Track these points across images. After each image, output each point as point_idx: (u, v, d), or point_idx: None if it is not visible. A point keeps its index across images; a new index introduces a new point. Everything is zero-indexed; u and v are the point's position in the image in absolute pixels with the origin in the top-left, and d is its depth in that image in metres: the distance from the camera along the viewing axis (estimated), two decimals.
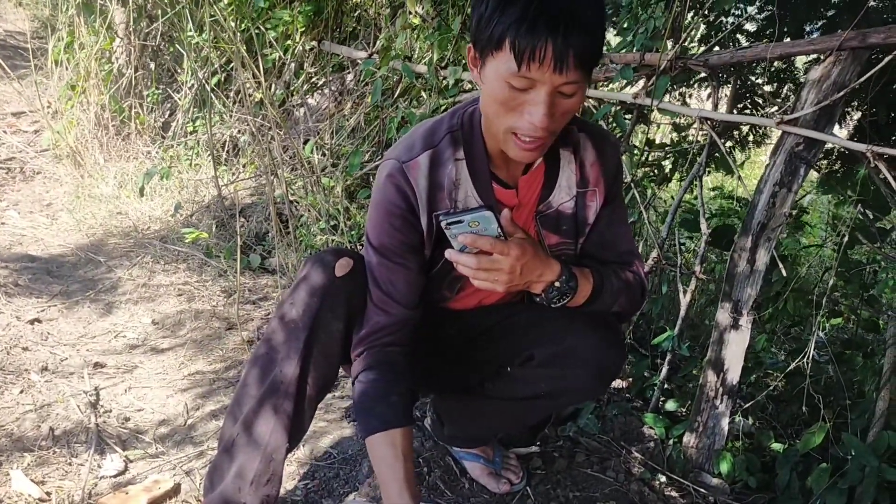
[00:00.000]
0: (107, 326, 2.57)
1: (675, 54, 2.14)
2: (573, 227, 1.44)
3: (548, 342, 1.46)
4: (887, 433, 1.79)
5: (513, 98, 1.15)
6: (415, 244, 1.36)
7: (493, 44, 1.12)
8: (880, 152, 1.69)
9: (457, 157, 1.34)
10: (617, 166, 1.47)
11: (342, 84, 3.94)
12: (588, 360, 1.43)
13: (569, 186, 1.41)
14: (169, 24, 4.18)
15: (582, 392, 1.55)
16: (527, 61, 1.09)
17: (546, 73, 1.10)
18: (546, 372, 1.48)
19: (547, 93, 1.13)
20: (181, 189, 3.73)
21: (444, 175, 1.34)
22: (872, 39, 1.74)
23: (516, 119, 1.17)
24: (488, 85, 1.18)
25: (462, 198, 1.35)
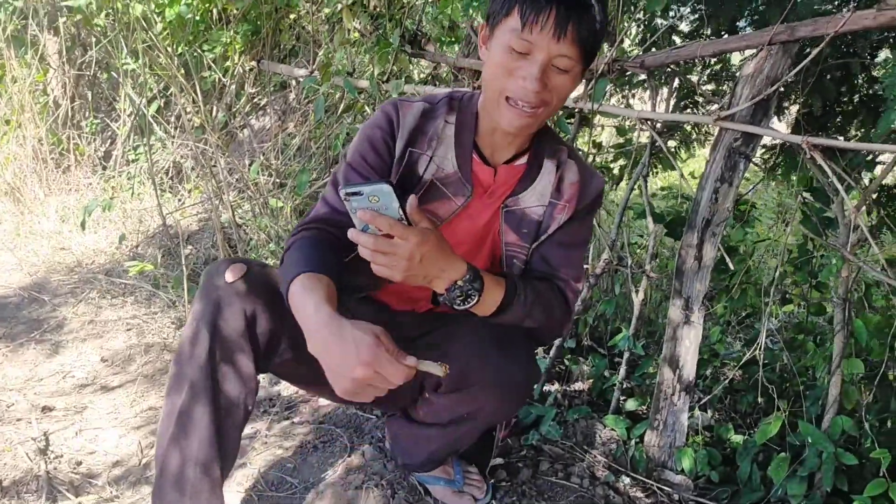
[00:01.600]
0: (54, 367, 2.49)
1: (611, 57, 2.16)
2: (534, 232, 1.47)
3: (453, 364, 1.42)
4: (841, 418, 1.82)
5: (511, 61, 1.24)
6: (384, 161, 1.41)
7: (504, 11, 1.24)
8: (815, 143, 1.72)
9: (448, 119, 1.43)
10: (595, 199, 1.51)
11: (285, 103, 3.90)
12: (488, 381, 1.42)
13: (542, 194, 1.46)
14: (104, 51, 4.09)
15: (495, 413, 1.53)
16: (530, 24, 1.19)
17: (545, 39, 1.20)
18: (458, 397, 1.50)
19: (542, 60, 1.22)
20: (125, 219, 3.64)
21: (431, 126, 1.43)
22: (801, 32, 1.78)
23: (511, 82, 1.25)
24: (492, 53, 1.28)
25: (441, 154, 1.42)
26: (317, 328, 1.13)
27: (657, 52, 2.20)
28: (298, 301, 1.18)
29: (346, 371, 1.09)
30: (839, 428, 1.80)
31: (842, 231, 1.92)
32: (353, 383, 1.09)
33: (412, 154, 1.41)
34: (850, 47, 2.31)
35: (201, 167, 3.40)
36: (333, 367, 1.11)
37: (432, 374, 1.17)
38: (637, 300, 2.28)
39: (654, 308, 3.02)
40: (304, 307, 1.17)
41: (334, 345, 1.10)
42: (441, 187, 1.42)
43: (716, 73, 2.97)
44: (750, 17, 2.75)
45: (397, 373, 1.09)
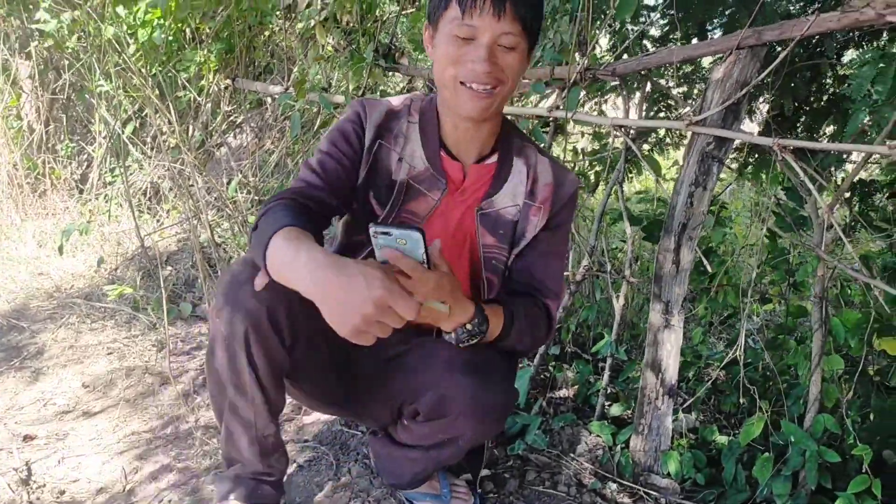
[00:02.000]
0: (35, 395, 2.46)
1: (583, 66, 2.18)
2: (510, 234, 1.49)
3: (426, 392, 1.45)
4: (823, 416, 1.83)
5: (458, 49, 1.29)
6: (354, 150, 1.45)
7: (443, 5, 1.29)
8: (786, 144, 1.74)
9: (410, 119, 1.48)
10: (570, 199, 1.53)
11: (261, 120, 3.90)
12: (466, 407, 1.41)
13: (514, 195, 1.49)
14: (77, 74, 4.07)
15: (474, 436, 1.51)
16: (469, 9, 1.25)
17: (486, 20, 1.26)
18: (435, 425, 1.50)
19: (487, 42, 1.28)
20: (103, 242, 3.61)
21: (395, 125, 1.47)
22: (768, 36, 1.80)
23: (461, 68, 1.30)
24: (438, 46, 1.33)
25: (409, 153, 1.46)
26: (315, 266, 1.06)
27: (628, 60, 2.22)
28: (285, 252, 1.11)
29: (356, 306, 1.02)
30: (821, 426, 1.82)
31: (816, 230, 1.94)
32: (362, 319, 1.03)
33: (381, 146, 1.45)
34: (818, 48, 2.34)
35: (179, 187, 3.39)
36: (339, 304, 1.04)
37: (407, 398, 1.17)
38: (618, 305, 2.29)
39: (635, 312, 3.03)
40: (294, 254, 1.09)
41: (339, 280, 1.04)
42: (416, 185, 1.45)
43: (687, 75, 3.00)
44: (719, 21, 2.78)
45: (409, 307, 1.05)
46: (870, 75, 1.79)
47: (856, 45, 2.41)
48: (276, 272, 1.13)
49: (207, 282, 2.91)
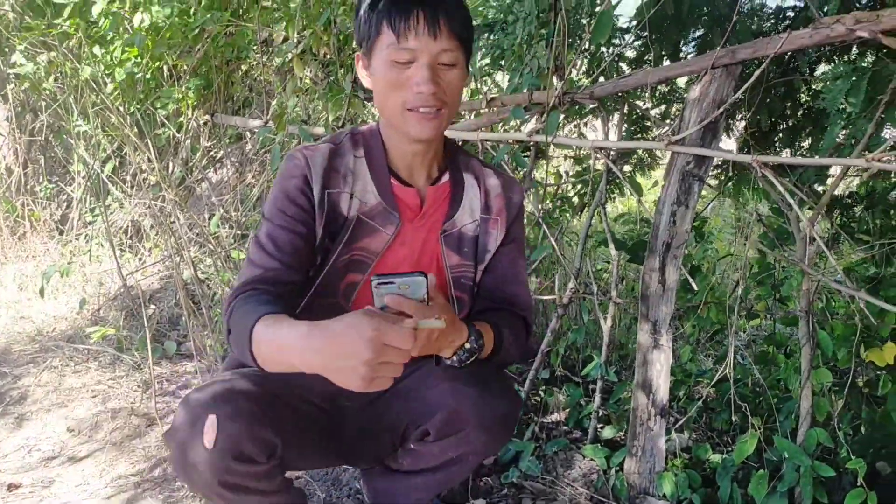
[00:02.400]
0: (19, 441, 2.41)
1: (561, 90, 2.19)
2: (473, 250, 1.50)
3: (436, 412, 1.44)
4: (815, 430, 1.83)
5: (399, 74, 1.27)
6: (305, 214, 1.37)
7: (374, 31, 1.27)
8: (765, 161, 1.75)
9: (356, 154, 1.43)
10: (520, 206, 1.55)
11: (242, 154, 3.89)
12: (477, 420, 1.41)
13: (472, 209, 1.49)
14: (54, 115, 4.05)
15: (485, 450, 1.51)
16: (404, 32, 1.24)
17: (423, 41, 1.25)
18: (445, 443, 1.47)
19: (427, 62, 1.26)
20: (85, 283, 3.58)
21: (341, 163, 1.41)
22: (741, 55, 1.82)
23: (406, 94, 1.28)
24: (377, 74, 1.30)
25: (359, 189, 1.41)
26: (304, 343, 1.07)
27: (605, 83, 2.24)
28: (269, 343, 1.12)
29: (355, 357, 1.02)
30: (814, 440, 1.81)
31: (799, 245, 1.96)
32: (367, 367, 1.02)
33: (330, 195, 1.39)
34: (791, 63, 2.37)
35: (160, 224, 3.36)
36: (340, 363, 1.03)
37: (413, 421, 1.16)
38: (606, 327, 2.29)
39: (624, 332, 3.03)
40: (280, 341, 1.11)
41: (330, 342, 1.04)
42: (368, 221, 1.42)
43: (664, 94, 3.03)
44: (692, 40, 2.81)
45: (404, 337, 1.04)
46: (843, 89, 1.81)
47: (827, 59, 2.44)
48: (270, 365, 1.15)
49: (192, 319, 2.87)
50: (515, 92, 2.45)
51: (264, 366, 1.15)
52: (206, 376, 2.67)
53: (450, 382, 1.42)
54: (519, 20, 2.47)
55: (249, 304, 1.23)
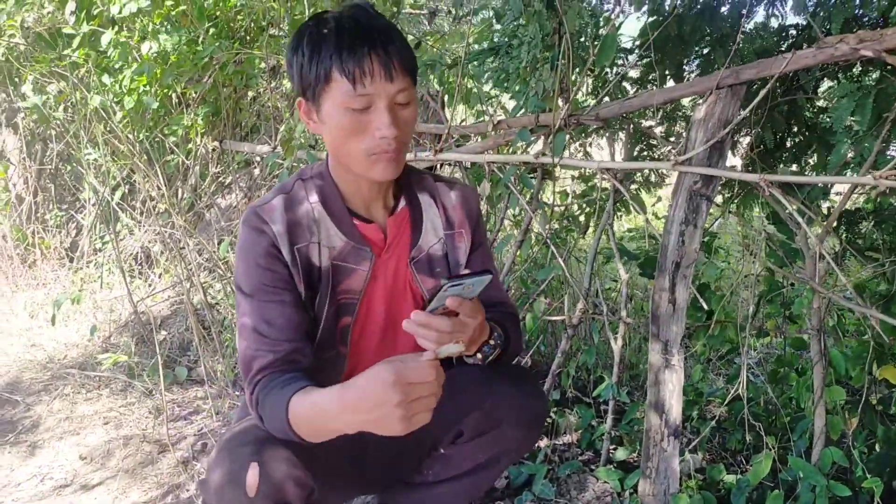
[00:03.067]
0: (32, 470, 2.42)
1: (567, 112, 2.21)
2: (446, 268, 1.49)
3: (470, 412, 1.46)
4: (830, 450, 1.82)
5: (357, 122, 1.23)
6: (284, 277, 1.33)
7: (323, 78, 1.22)
8: (772, 180, 1.76)
9: (311, 200, 1.38)
10: (478, 211, 1.56)
11: (250, 179, 3.92)
12: (513, 416, 1.43)
13: (434, 229, 1.48)
14: (64, 144, 4.09)
15: (518, 448, 1.54)
16: (359, 79, 1.19)
17: (379, 85, 1.21)
18: (479, 442, 1.48)
19: (385, 105, 1.23)
20: (95, 310, 3.59)
21: (301, 213, 1.37)
22: (746, 75, 1.83)
23: (368, 140, 1.25)
24: (331, 122, 1.25)
25: (325, 236, 1.38)
26: (338, 403, 1.12)
27: (611, 104, 2.26)
28: (305, 411, 1.17)
29: (386, 404, 1.05)
30: (829, 460, 1.80)
31: (808, 262, 1.95)
32: (400, 409, 1.06)
33: (300, 250, 1.35)
34: (795, 81, 2.39)
35: (170, 251, 3.38)
36: (376, 414, 1.07)
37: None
38: (616, 347, 2.29)
39: (634, 352, 3.02)
40: (313, 406, 1.16)
41: (360, 396, 1.08)
42: (342, 264, 1.39)
43: (668, 113, 3.05)
44: (696, 60, 2.83)
45: (425, 370, 1.08)
46: (849, 107, 1.82)
47: (831, 76, 2.45)
48: (314, 437, 1.20)
49: (202, 344, 2.88)
50: (521, 114, 2.47)
51: (309, 439, 1.19)
52: (216, 402, 2.68)
53: (483, 382, 1.44)
54: (524, 44, 2.49)
55: (274, 387, 1.25)
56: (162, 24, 3.46)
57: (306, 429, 1.18)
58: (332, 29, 1.22)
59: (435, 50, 3.86)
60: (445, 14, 4.53)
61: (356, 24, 1.23)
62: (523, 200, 2.49)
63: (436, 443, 1.54)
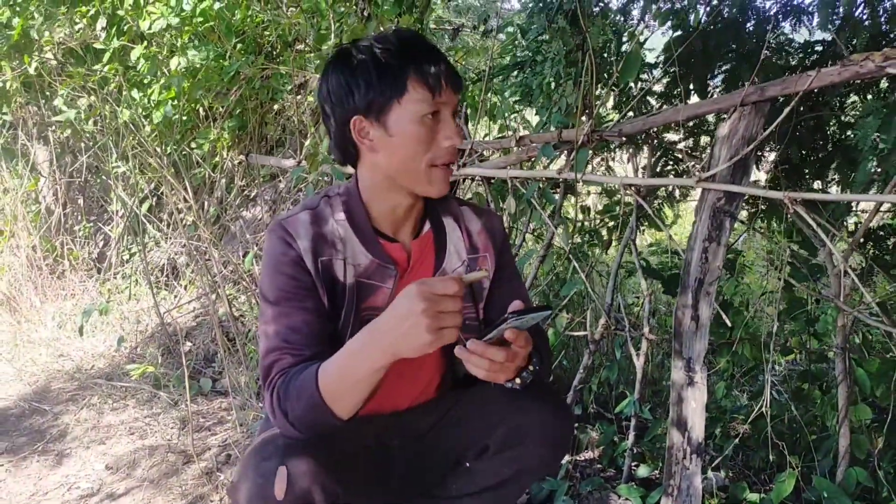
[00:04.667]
0: (59, 479, 2.46)
1: (590, 128, 2.22)
2: (470, 292, 1.50)
3: (497, 427, 1.46)
4: (854, 470, 1.80)
5: (429, 131, 1.29)
6: (308, 286, 1.34)
7: (398, 91, 1.27)
8: (796, 197, 1.75)
9: (336, 218, 1.40)
10: (504, 235, 1.58)
11: (275, 192, 3.95)
12: (539, 434, 1.44)
13: (458, 252, 1.50)
14: (93, 156, 4.17)
15: (542, 466, 1.54)
16: (438, 87, 1.27)
17: (449, 95, 1.30)
18: (504, 457, 1.48)
19: (451, 112, 1.31)
20: (122, 321, 3.65)
21: (326, 230, 1.39)
22: (771, 92, 1.83)
23: (434, 149, 1.31)
24: (400, 135, 1.29)
25: (350, 253, 1.39)
26: (368, 333, 1.16)
27: (634, 120, 2.26)
28: (334, 364, 1.20)
29: (413, 314, 1.09)
30: (853, 480, 1.78)
31: (833, 280, 1.94)
32: (426, 317, 1.08)
33: (324, 263, 1.36)
34: (821, 97, 2.38)
35: (195, 262, 3.43)
36: (404, 326, 1.10)
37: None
38: (639, 363, 2.28)
39: (657, 367, 3.01)
40: (342, 355, 1.19)
41: (388, 315, 1.13)
42: (367, 281, 1.41)
43: (692, 129, 3.04)
44: (720, 74, 2.83)
45: (448, 282, 1.11)
46: (874, 125, 1.82)
47: (857, 91, 2.44)
48: (345, 396, 1.20)
49: (227, 356, 2.91)
50: (544, 130, 2.48)
51: (342, 401, 1.20)
52: (241, 413, 2.70)
53: (511, 398, 1.45)
54: (547, 60, 2.51)
55: (295, 374, 1.25)
56: (190, 39, 3.52)
57: (338, 386, 1.19)
58: (396, 45, 1.29)
59: (460, 65, 3.89)
60: (470, 31, 4.56)
61: (414, 39, 1.31)
62: (545, 216, 2.49)
63: (460, 457, 1.55)
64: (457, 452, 1.54)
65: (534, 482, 1.57)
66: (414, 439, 1.57)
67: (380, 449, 1.54)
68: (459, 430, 1.53)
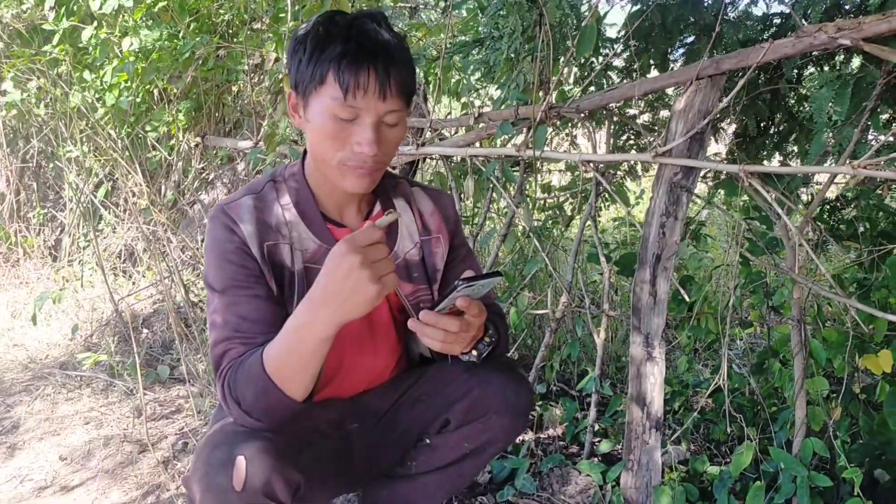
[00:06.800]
0: (11, 472, 2.39)
1: (547, 105, 2.19)
2: (423, 273, 1.49)
3: (458, 401, 1.46)
4: (811, 440, 1.81)
5: (340, 130, 1.22)
6: (256, 272, 1.31)
7: (318, 79, 1.20)
8: (752, 171, 1.75)
9: (282, 202, 1.37)
10: (455, 215, 1.56)
11: (234, 175, 3.88)
12: (501, 405, 1.44)
13: (410, 234, 1.48)
14: (46, 141, 4.05)
15: (504, 438, 1.53)
16: (352, 90, 1.18)
17: (371, 101, 1.20)
18: (466, 431, 1.48)
19: (372, 122, 1.22)
20: (78, 309, 3.56)
21: (271, 216, 1.35)
22: (726, 65, 1.82)
23: (346, 151, 1.24)
24: (314, 122, 1.24)
25: (297, 239, 1.36)
26: (308, 305, 1.13)
27: (592, 95, 2.24)
28: (279, 344, 1.17)
29: (353, 271, 1.07)
30: (810, 450, 1.79)
31: (788, 253, 1.94)
32: (366, 268, 1.07)
33: (269, 248, 1.33)
34: (778, 69, 2.37)
35: (152, 248, 3.35)
36: (347, 286, 1.08)
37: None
38: (599, 340, 2.28)
39: (619, 345, 3.01)
40: (286, 333, 1.16)
41: (326, 282, 1.10)
42: (316, 266, 1.36)
43: (650, 103, 3.03)
44: (680, 47, 2.82)
45: (370, 230, 1.09)
46: (828, 97, 1.81)
47: (814, 62, 2.44)
48: (297, 373, 1.17)
49: (184, 343, 2.86)
50: (503, 107, 2.45)
51: (293, 380, 1.17)
52: (198, 400, 2.66)
53: (470, 373, 1.45)
54: (505, 36, 2.47)
55: (242, 361, 1.23)
56: (143, 19, 3.42)
57: (286, 366, 1.17)
58: (339, 33, 1.21)
59: (420, 43, 3.84)
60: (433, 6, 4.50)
61: (364, 34, 1.21)
62: (506, 195, 2.47)
63: (422, 434, 1.54)
64: (418, 430, 1.53)
65: (495, 455, 1.56)
66: (373, 421, 1.55)
67: (338, 433, 1.51)
68: (419, 407, 1.52)
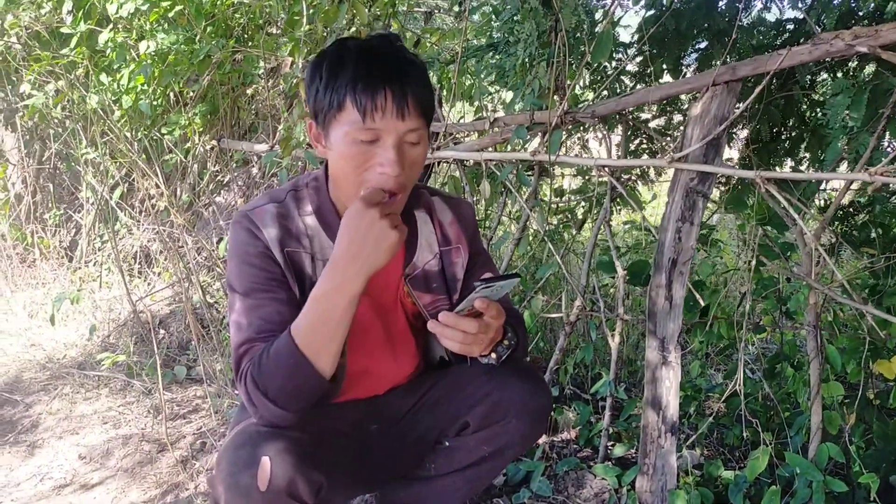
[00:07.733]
0: (31, 470, 2.42)
1: (563, 110, 2.21)
2: (443, 284, 1.50)
3: (477, 404, 1.47)
4: (826, 445, 1.82)
5: (362, 153, 1.23)
6: (278, 276, 1.34)
7: (336, 106, 1.22)
8: (768, 177, 1.76)
9: (303, 212, 1.39)
10: (475, 224, 1.57)
11: (249, 177, 3.91)
12: (520, 409, 1.45)
13: (430, 245, 1.49)
14: (63, 143, 4.09)
15: (522, 442, 1.54)
16: (370, 112, 1.19)
17: (390, 121, 1.21)
18: (484, 434, 1.49)
19: (394, 142, 1.22)
20: (95, 310, 3.60)
21: (293, 225, 1.37)
22: (742, 72, 1.83)
23: (369, 173, 1.25)
24: (336, 149, 1.25)
25: (318, 249, 1.38)
26: (332, 269, 1.19)
27: (607, 100, 2.26)
28: (306, 316, 1.21)
29: (374, 223, 1.15)
30: (825, 455, 1.80)
31: (804, 259, 1.95)
32: (385, 219, 1.16)
33: (291, 254, 1.35)
34: (791, 76, 2.38)
35: (169, 249, 3.39)
36: (371, 238, 1.16)
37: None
38: (614, 344, 2.29)
39: (632, 349, 3.02)
40: (311, 302, 1.21)
41: (348, 242, 1.17)
42: None
43: (664, 108, 3.04)
44: (693, 52, 2.83)
45: (375, 191, 1.20)
46: (844, 103, 1.82)
47: (828, 69, 2.45)
48: (326, 343, 1.21)
49: (201, 343, 2.89)
50: (518, 112, 2.47)
51: (323, 352, 1.21)
52: (216, 401, 2.68)
53: (489, 376, 1.46)
54: (520, 41, 2.49)
55: (264, 349, 1.24)
56: (159, 22, 3.45)
57: (317, 337, 1.21)
58: (351, 57, 1.22)
59: (434, 47, 3.86)
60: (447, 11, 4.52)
61: (376, 56, 1.22)
62: (521, 198, 2.49)
63: (440, 437, 1.55)
64: (436, 432, 1.55)
65: (513, 459, 1.57)
66: (392, 423, 1.57)
67: (358, 434, 1.53)
68: (438, 410, 1.54)
